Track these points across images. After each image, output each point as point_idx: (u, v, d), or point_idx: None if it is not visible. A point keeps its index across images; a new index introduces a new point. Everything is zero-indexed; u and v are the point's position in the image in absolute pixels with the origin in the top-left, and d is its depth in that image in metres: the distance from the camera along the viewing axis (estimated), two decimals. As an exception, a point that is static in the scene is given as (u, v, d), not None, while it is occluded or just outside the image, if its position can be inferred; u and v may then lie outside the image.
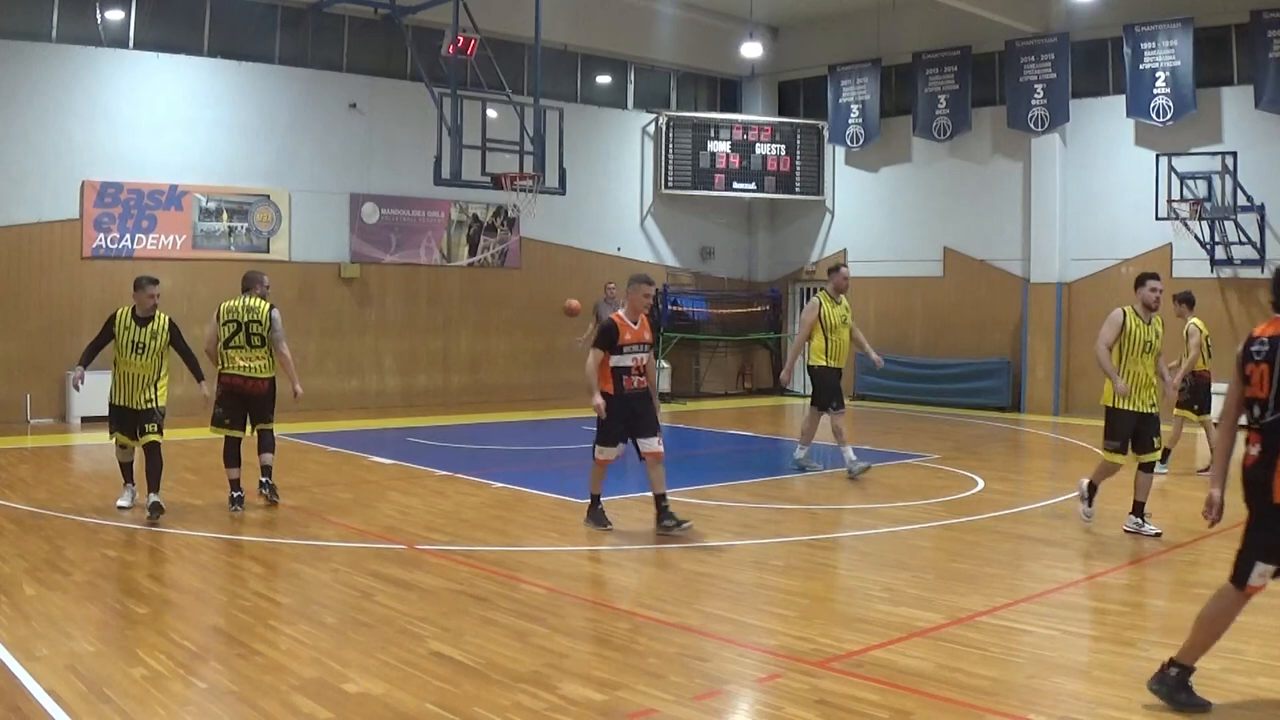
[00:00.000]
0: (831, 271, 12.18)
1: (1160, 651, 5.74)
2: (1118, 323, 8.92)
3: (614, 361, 8.54)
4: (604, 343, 8.58)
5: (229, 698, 4.99)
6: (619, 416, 8.57)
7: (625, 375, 8.58)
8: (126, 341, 8.86)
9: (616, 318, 8.71)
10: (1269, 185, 16.12)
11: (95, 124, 15.59)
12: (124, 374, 8.93)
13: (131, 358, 8.85)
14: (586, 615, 6.42)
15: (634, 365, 8.61)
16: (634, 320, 8.71)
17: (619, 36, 20.77)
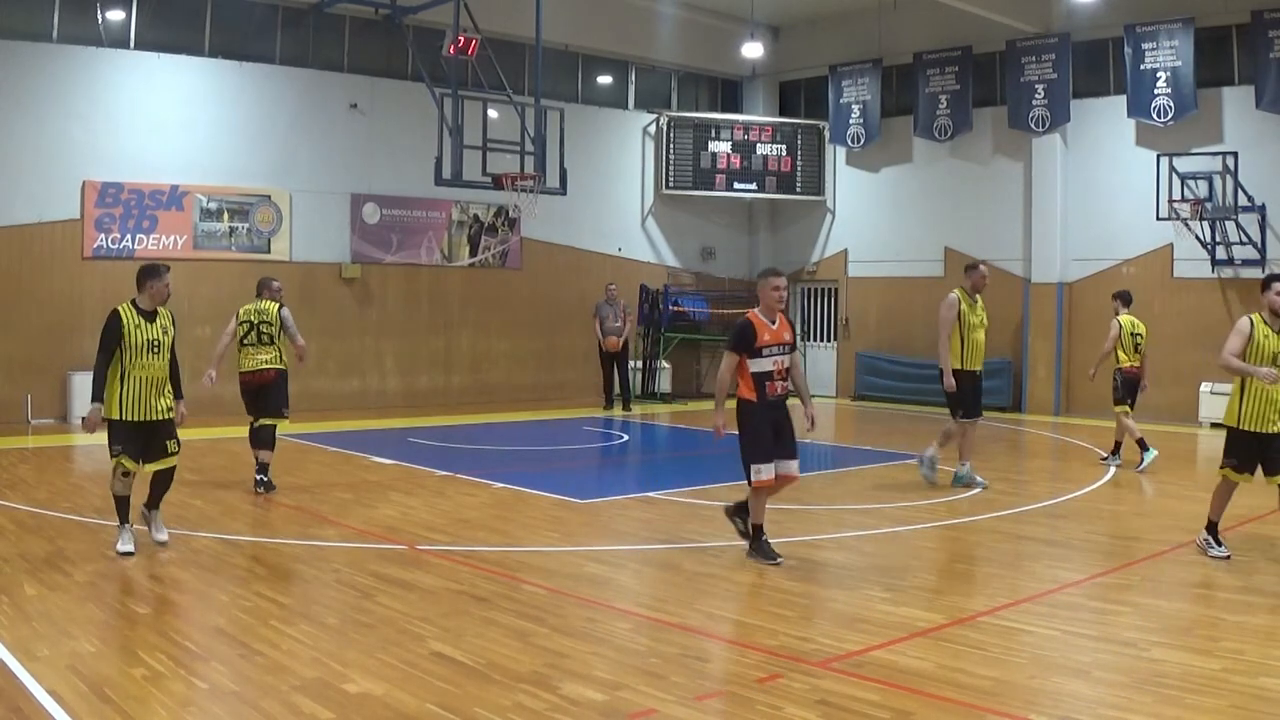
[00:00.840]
0: (969, 269, 11.07)
1: (1161, 651, 5.75)
2: (1245, 332, 7.72)
3: (753, 366, 7.62)
4: (741, 345, 7.64)
5: (230, 698, 4.99)
6: (767, 426, 7.61)
7: (768, 381, 7.64)
8: (140, 341, 7.62)
9: (753, 316, 7.74)
10: (1270, 185, 16.11)
11: (96, 124, 15.59)
12: (138, 380, 7.61)
13: (148, 359, 7.64)
14: (587, 615, 6.42)
15: (775, 369, 7.67)
16: (771, 319, 7.74)
17: (620, 37, 20.77)
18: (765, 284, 7.86)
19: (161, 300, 7.82)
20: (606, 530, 9.16)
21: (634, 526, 9.26)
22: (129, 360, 7.62)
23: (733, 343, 7.71)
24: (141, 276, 7.85)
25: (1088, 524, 9.31)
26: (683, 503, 10.13)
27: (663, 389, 20.55)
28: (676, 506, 9.98)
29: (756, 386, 7.62)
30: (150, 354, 7.68)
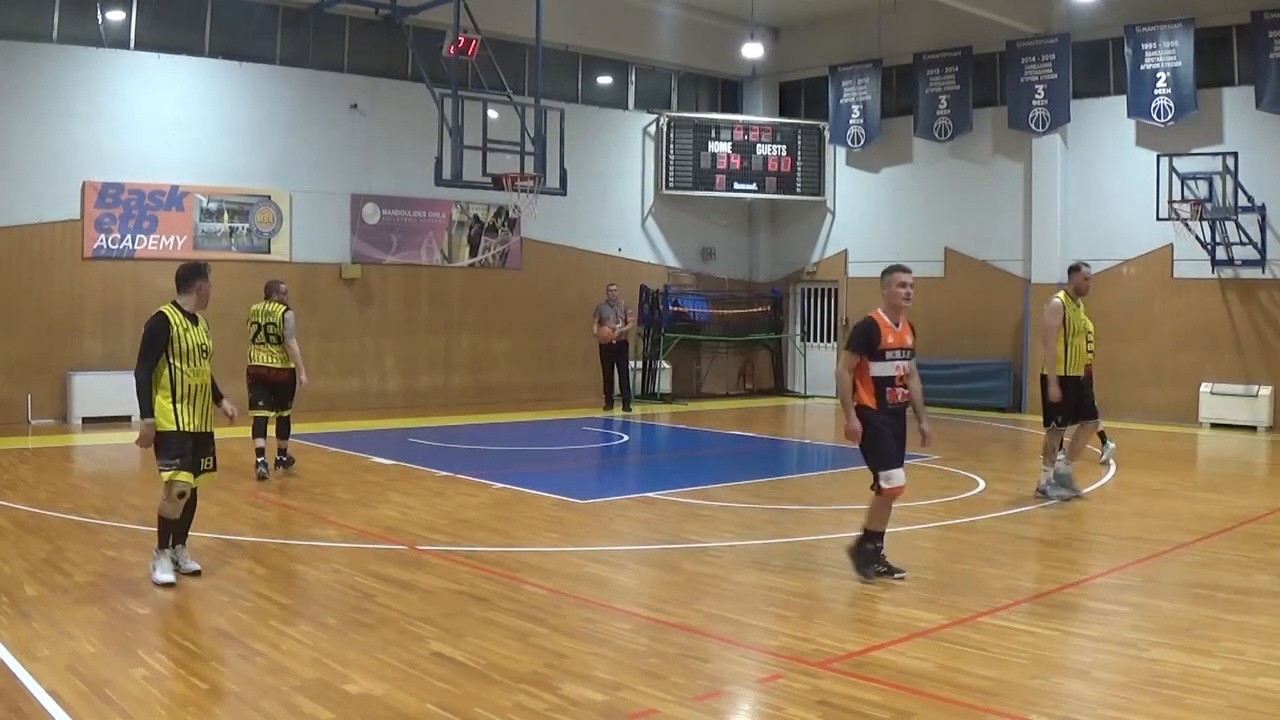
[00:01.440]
0: (1072, 271, 10.84)
1: (1161, 652, 5.75)
2: None
3: (874, 370, 7.10)
4: (862, 346, 7.11)
5: (230, 698, 4.99)
6: (891, 431, 7.13)
7: (889, 387, 7.12)
8: (191, 346, 7.08)
9: (876, 316, 7.20)
10: (1270, 186, 16.11)
11: (96, 124, 15.59)
12: (191, 388, 7.06)
13: (200, 364, 7.13)
14: (587, 616, 6.42)
15: (897, 375, 7.16)
16: (894, 320, 7.20)
17: (620, 37, 20.77)
18: (891, 280, 7.24)
19: (206, 302, 7.39)
20: (606, 530, 9.16)
21: (634, 527, 9.26)
22: (182, 365, 7.03)
23: (854, 342, 7.16)
24: (187, 276, 7.30)
25: (1088, 524, 9.31)
26: (683, 503, 10.14)
27: (663, 389, 20.55)
28: (676, 507, 9.98)
29: (877, 392, 7.10)
30: (203, 359, 7.17)
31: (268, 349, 11.03)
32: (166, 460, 6.99)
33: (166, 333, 7.00)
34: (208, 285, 7.36)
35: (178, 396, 7.01)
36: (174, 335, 7.03)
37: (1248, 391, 16.31)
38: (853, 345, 7.18)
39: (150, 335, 6.98)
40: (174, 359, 7.00)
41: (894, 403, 7.15)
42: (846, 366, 7.16)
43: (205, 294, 7.34)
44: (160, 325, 7.00)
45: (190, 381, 7.06)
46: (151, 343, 6.96)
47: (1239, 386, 16.43)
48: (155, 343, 6.95)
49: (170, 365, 6.99)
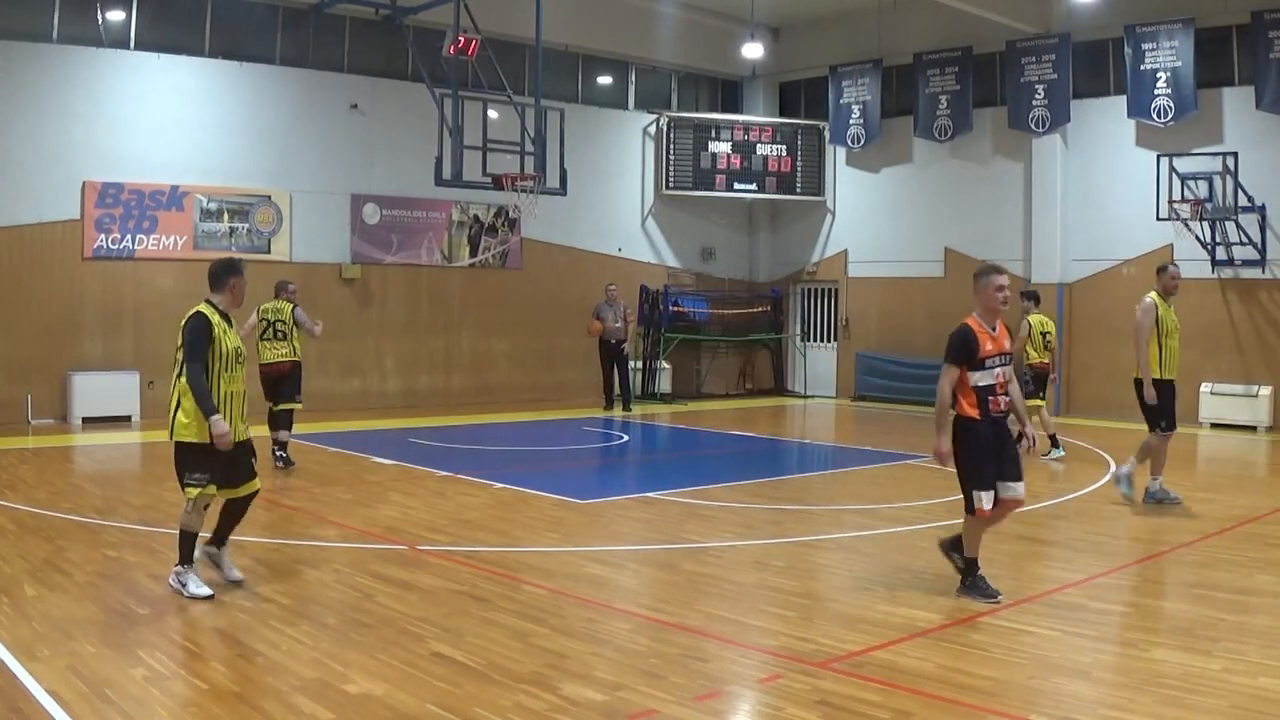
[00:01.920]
0: (1160, 271, 10.45)
1: (1161, 652, 5.75)
2: None
3: (974, 379, 6.76)
4: (963, 356, 6.77)
5: (230, 698, 4.99)
6: (989, 446, 6.75)
7: (990, 396, 6.76)
8: (229, 349, 6.64)
9: (973, 323, 6.89)
10: (1270, 186, 16.11)
11: (96, 124, 15.59)
12: (227, 395, 6.62)
13: (236, 370, 6.70)
14: (587, 616, 6.42)
15: (998, 382, 6.81)
16: (991, 325, 6.89)
17: (620, 37, 20.77)
18: (988, 283, 6.92)
19: (241, 301, 6.88)
20: (607, 531, 9.16)
21: (634, 527, 9.26)
22: (221, 370, 6.58)
23: (953, 354, 6.80)
24: (220, 273, 6.79)
25: (1088, 524, 9.30)
26: (683, 503, 10.14)
27: (663, 389, 20.54)
28: (676, 507, 9.98)
29: (979, 402, 6.73)
30: (239, 364, 6.71)
31: (274, 345, 11.51)
32: (190, 473, 6.59)
33: (210, 333, 6.54)
34: (242, 282, 6.85)
35: (215, 403, 6.54)
36: (215, 335, 6.57)
37: (1248, 391, 16.30)
38: (953, 356, 6.79)
39: (194, 336, 6.52)
40: (212, 363, 6.56)
41: (996, 411, 6.80)
42: (949, 381, 6.75)
43: (240, 292, 6.84)
44: (203, 325, 6.54)
45: (226, 389, 6.61)
46: (198, 344, 6.52)
47: (1239, 386, 16.43)
48: (197, 342, 6.51)
49: (208, 369, 6.55)
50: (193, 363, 6.48)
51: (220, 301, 6.73)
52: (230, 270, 6.79)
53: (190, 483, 6.61)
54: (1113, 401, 17.85)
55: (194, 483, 6.60)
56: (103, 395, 15.42)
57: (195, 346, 6.49)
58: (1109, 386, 18.02)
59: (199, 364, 6.48)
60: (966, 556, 6.90)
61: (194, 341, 6.50)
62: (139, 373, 15.84)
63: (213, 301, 6.71)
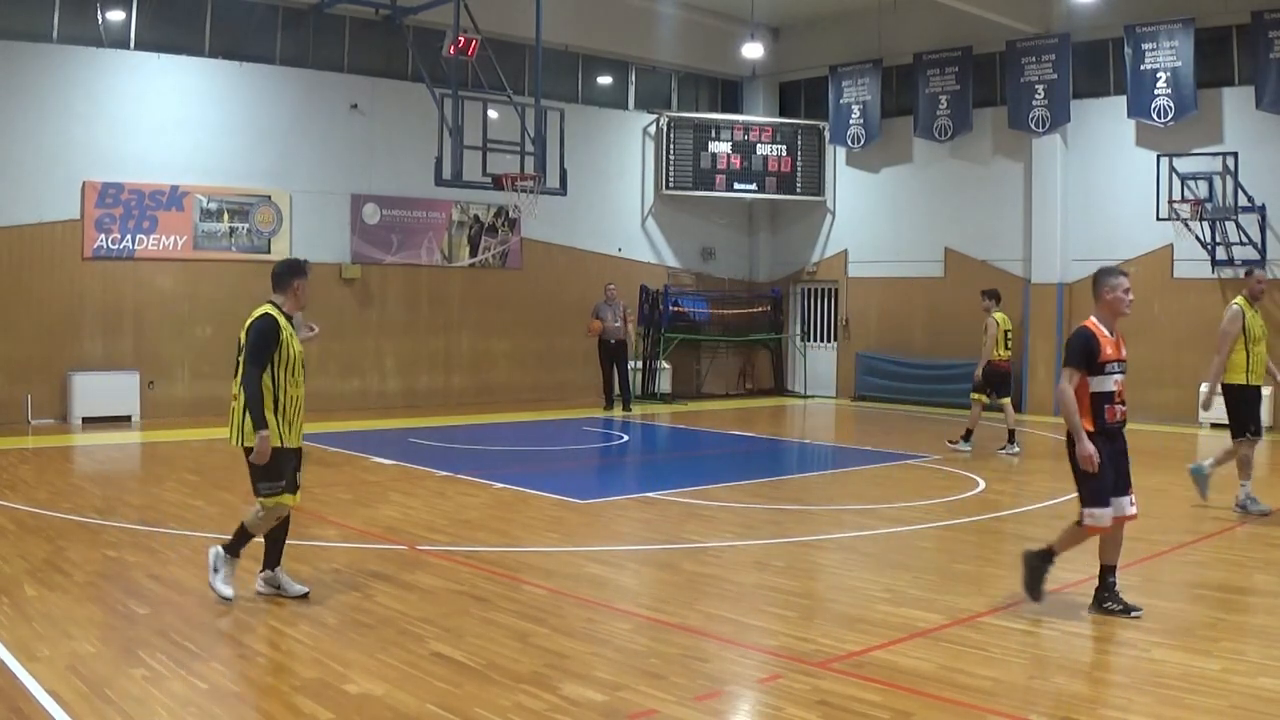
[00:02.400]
0: (1246, 274, 10.23)
1: (1161, 652, 5.75)
2: None
3: (1094, 386, 6.41)
4: (1083, 360, 6.39)
5: (230, 698, 4.99)
6: (1106, 459, 6.39)
7: (1107, 404, 6.42)
8: (295, 354, 6.42)
9: (1093, 326, 6.53)
10: (1270, 186, 16.11)
11: (96, 124, 15.59)
12: (291, 400, 6.42)
13: (300, 375, 6.49)
14: (587, 616, 6.42)
15: (1117, 390, 6.49)
16: (1110, 329, 6.56)
17: (620, 37, 20.77)
18: (1112, 285, 6.55)
19: (303, 304, 6.64)
20: (607, 531, 9.16)
21: (634, 527, 9.26)
22: (286, 374, 6.34)
23: (1074, 358, 6.41)
24: (283, 274, 6.53)
25: (1088, 524, 9.28)
26: (683, 503, 10.14)
27: (663, 389, 20.54)
28: (676, 507, 9.98)
29: (1095, 411, 6.41)
30: (301, 367, 6.49)
31: None
32: (268, 483, 6.35)
33: (277, 335, 6.29)
34: (306, 284, 6.59)
35: (278, 409, 6.32)
36: (283, 339, 6.33)
37: (1248, 391, 16.27)
38: (1073, 360, 6.41)
39: (261, 338, 6.26)
40: (277, 367, 6.31)
41: (1113, 421, 6.46)
42: (1071, 385, 6.39)
43: (303, 295, 6.57)
44: (271, 327, 6.28)
45: (292, 393, 6.40)
46: (264, 347, 6.26)
47: (1239, 386, 16.39)
48: (268, 347, 6.26)
49: (273, 374, 6.30)
50: (253, 366, 6.24)
51: (283, 303, 6.48)
52: (294, 271, 6.55)
53: (265, 491, 6.36)
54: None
55: (269, 490, 6.35)
56: (103, 395, 15.42)
57: (260, 349, 6.25)
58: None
59: (259, 368, 6.25)
60: (1053, 547, 6.60)
61: (259, 344, 6.25)
62: (139, 373, 15.85)
63: (275, 303, 6.46)
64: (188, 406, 16.35)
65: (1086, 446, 6.29)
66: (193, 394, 16.44)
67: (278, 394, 6.32)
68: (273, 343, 6.26)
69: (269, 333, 6.27)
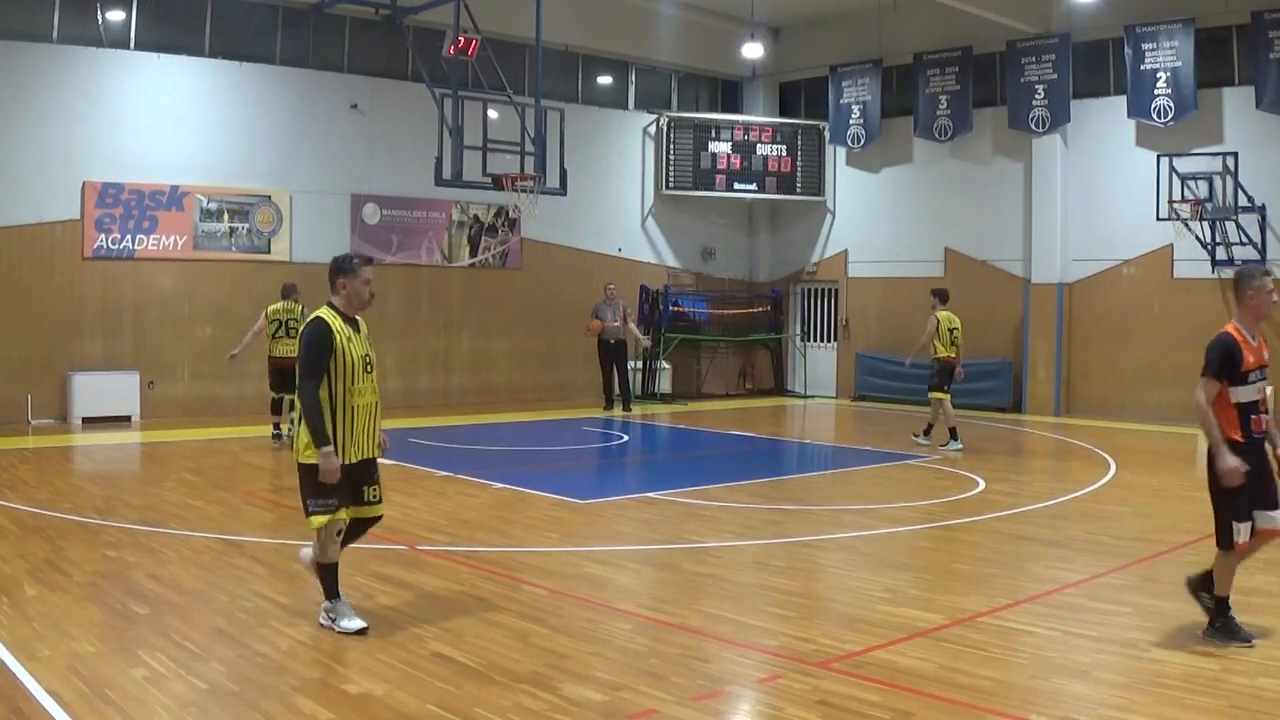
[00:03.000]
0: None
1: (1161, 652, 5.75)
2: None
3: (1235, 395, 6.01)
4: (1224, 369, 5.98)
5: (230, 698, 4.99)
6: (1253, 467, 5.91)
7: (1252, 414, 6.01)
8: (353, 359, 5.89)
9: (1234, 331, 6.07)
10: (1270, 186, 16.11)
11: (96, 124, 15.58)
12: (353, 409, 5.90)
13: (363, 383, 5.95)
14: (587, 616, 6.42)
15: (1260, 399, 6.07)
16: (1252, 333, 6.08)
17: (620, 37, 20.77)
18: (1256, 288, 6.06)
19: (361, 304, 6.07)
20: (607, 531, 9.16)
21: (634, 527, 9.26)
22: (345, 383, 5.84)
23: (1215, 366, 5.99)
24: (331, 272, 6.06)
25: (1088, 524, 9.30)
26: (683, 503, 10.14)
27: (663, 389, 20.54)
28: (676, 507, 9.98)
29: (1240, 421, 5.99)
30: (365, 374, 5.95)
31: (286, 342, 13.03)
32: (317, 501, 5.85)
33: (330, 342, 5.81)
34: (357, 282, 6.00)
35: (340, 422, 5.85)
36: (337, 346, 5.83)
37: (1248, 391, 16.26)
38: (1214, 369, 6.00)
39: (311, 346, 5.81)
40: (335, 374, 5.84)
41: (1258, 431, 6.02)
42: (1208, 396, 6.01)
43: (357, 294, 6.02)
44: (322, 333, 5.82)
45: (353, 402, 5.87)
46: (314, 356, 5.79)
47: (1239, 387, 16.38)
48: (319, 355, 5.79)
49: (329, 382, 5.83)
50: (307, 379, 5.79)
51: (338, 304, 6.02)
52: (339, 269, 6.04)
53: (315, 510, 5.86)
54: (1112, 401, 17.88)
55: (319, 509, 5.85)
56: (103, 395, 15.42)
57: (310, 359, 5.78)
58: (1109, 387, 18.03)
59: (312, 379, 5.78)
60: (1217, 595, 6.08)
61: (309, 353, 5.80)
62: (139, 373, 15.85)
63: (334, 305, 6.02)
64: (188, 406, 16.35)
65: (1228, 460, 5.84)
66: (193, 394, 16.45)
67: (336, 404, 5.82)
68: (324, 349, 5.78)
69: (319, 339, 5.80)
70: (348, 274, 6.01)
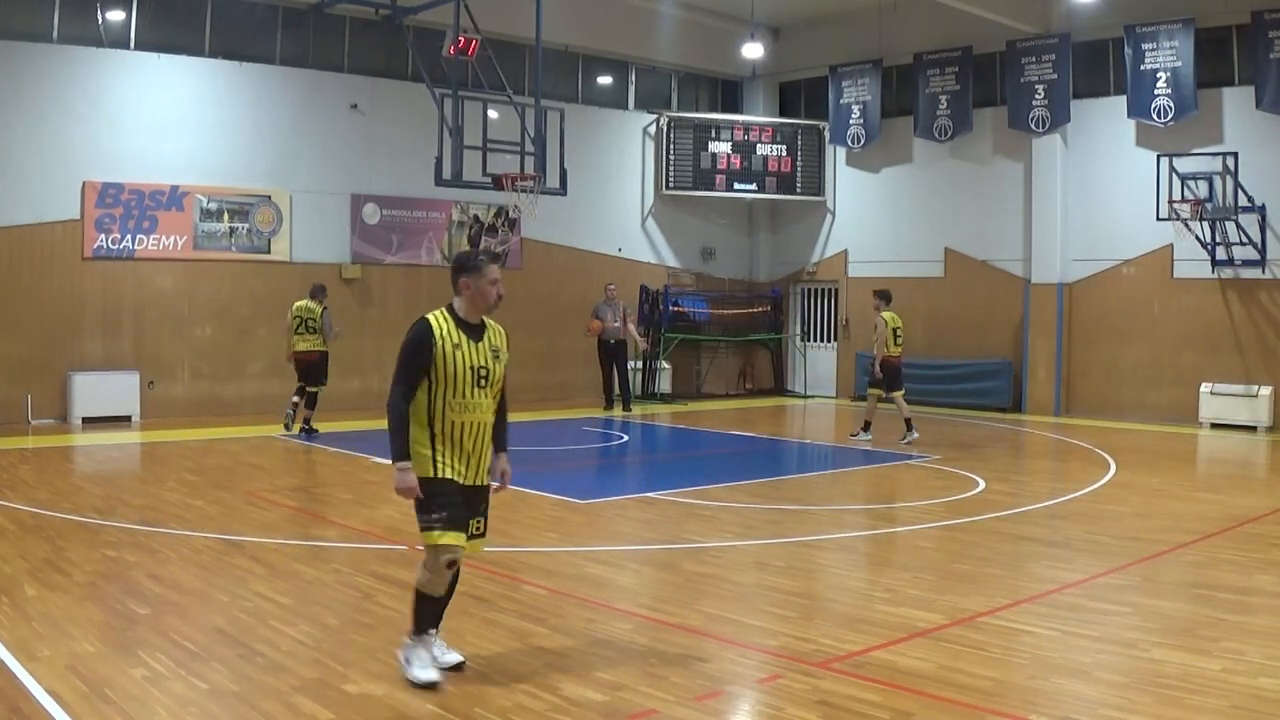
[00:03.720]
0: None
1: (1161, 652, 5.75)
2: None
3: None
4: None
5: (230, 698, 4.99)
6: None
7: None
8: (460, 368, 5.21)
9: None
10: (1270, 186, 16.10)
11: (96, 124, 15.59)
12: (456, 426, 5.24)
13: (472, 396, 5.25)
14: (587, 616, 6.42)
15: None
16: None
17: (620, 37, 20.77)
18: None
19: (488, 305, 5.36)
20: (607, 531, 9.16)
21: (634, 527, 9.26)
22: (447, 395, 5.18)
23: None
24: (452, 270, 5.42)
25: (1088, 524, 9.30)
26: (683, 503, 10.14)
27: (663, 389, 20.54)
28: (676, 507, 9.98)
29: None
30: (475, 387, 5.24)
31: (306, 338, 14.34)
32: (427, 516, 5.17)
33: (428, 348, 5.17)
34: (484, 282, 5.30)
35: (442, 436, 5.22)
36: (440, 352, 5.18)
37: (1248, 391, 16.30)
38: None
39: (404, 349, 5.22)
40: (435, 384, 5.19)
41: None
42: None
43: (483, 295, 5.32)
44: (420, 338, 5.20)
45: (454, 418, 5.20)
46: (408, 361, 5.19)
47: (1239, 386, 16.42)
48: (414, 361, 5.17)
49: (430, 391, 5.20)
50: (397, 384, 5.19)
51: (459, 307, 5.33)
52: (462, 267, 5.36)
53: (426, 526, 5.18)
54: (1112, 401, 17.88)
55: (430, 525, 5.16)
56: (103, 395, 15.42)
57: (401, 363, 5.20)
58: (1109, 386, 18.03)
59: (403, 384, 5.18)
60: None
61: (403, 357, 5.21)
62: (139, 373, 15.85)
63: (453, 307, 5.34)
64: (188, 406, 16.35)
65: None
66: (192, 394, 16.45)
67: (435, 415, 5.18)
68: (418, 355, 5.16)
69: (413, 344, 5.19)
70: (472, 272, 5.30)
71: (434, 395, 5.19)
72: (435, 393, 5.19)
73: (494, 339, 5.41)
